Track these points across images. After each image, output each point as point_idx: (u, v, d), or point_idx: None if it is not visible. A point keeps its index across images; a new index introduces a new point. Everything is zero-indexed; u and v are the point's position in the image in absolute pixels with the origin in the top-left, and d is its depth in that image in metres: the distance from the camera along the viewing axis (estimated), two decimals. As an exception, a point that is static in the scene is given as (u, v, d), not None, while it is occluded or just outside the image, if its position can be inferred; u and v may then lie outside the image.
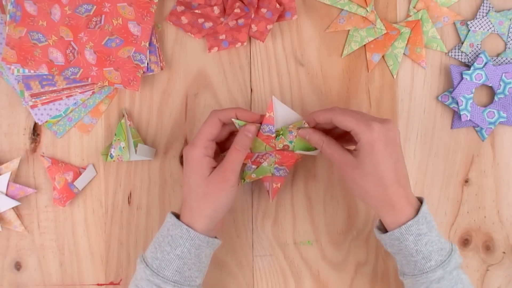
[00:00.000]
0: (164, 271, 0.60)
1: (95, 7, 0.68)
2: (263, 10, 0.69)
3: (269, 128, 0.63)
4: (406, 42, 0.72)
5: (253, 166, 0.67)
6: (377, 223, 0.64)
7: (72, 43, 0.68)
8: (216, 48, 0.71)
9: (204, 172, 0.61)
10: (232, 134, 0.65)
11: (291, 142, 0.64)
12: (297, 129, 0.63)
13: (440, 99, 0.73)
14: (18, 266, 0.72)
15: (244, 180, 0.68)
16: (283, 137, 0.64)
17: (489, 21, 0.72)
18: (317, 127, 0.63)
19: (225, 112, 0.62)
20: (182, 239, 0.60)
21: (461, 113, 0.71)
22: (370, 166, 0.58)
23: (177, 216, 0.63)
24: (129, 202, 0.72)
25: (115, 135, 0.70)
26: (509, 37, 0.72)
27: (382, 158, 0.58)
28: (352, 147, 0.62)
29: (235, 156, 0.61)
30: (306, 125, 0.63)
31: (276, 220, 0.73)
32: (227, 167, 0.61)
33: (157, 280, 0.59)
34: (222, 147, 0.66)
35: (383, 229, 0.63)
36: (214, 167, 0.62)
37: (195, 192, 0.61)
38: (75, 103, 0.71)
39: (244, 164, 0.65)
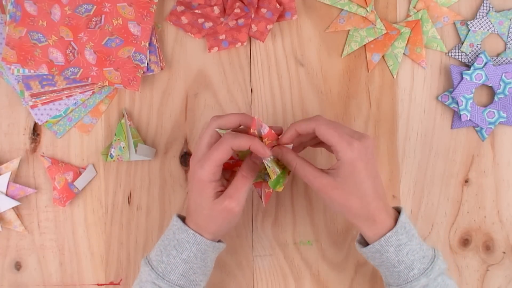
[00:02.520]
0: (169, 275, 0.60)
1: (95, 7, 0.68)
2: (263, 10, 0.69)
3: None
4: (406, 42, 0.72)
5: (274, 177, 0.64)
6: (358, 237, 0.63)
7: (72, 43, 0.68)
8: (216, 48, 0.71)
9: (209, 196, 0.59)
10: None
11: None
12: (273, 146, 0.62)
13: (440, 99, 0.73)
14: (18, 266, 0.72)
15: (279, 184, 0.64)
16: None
17: (489, 21, 0.72)
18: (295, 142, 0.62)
19: (239, 143, 0.58)
20: (189, 243, 0.60)
21: (461, 113, 0.71)
22: (352, 186, 0.58)
23: (182, 218, 0.63)
24: (129, 202, 0.72)
25: (115, 135, 0.70)
26: (509, 37, 0.72)
27: (364, 177, 0.58)
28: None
29: (241, 183, 0.60)
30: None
31: (276, 220, 0.73)
32: (233, 197, 0.59)
33: (162, 284, 0.59)
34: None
35: (364, 243, 0.62)
36: (219, 191, 0.60)
37: (201, 212, 0.60)
38: (75, 103, 0.71)
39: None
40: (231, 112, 0.63)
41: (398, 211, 0.62)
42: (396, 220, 0.60)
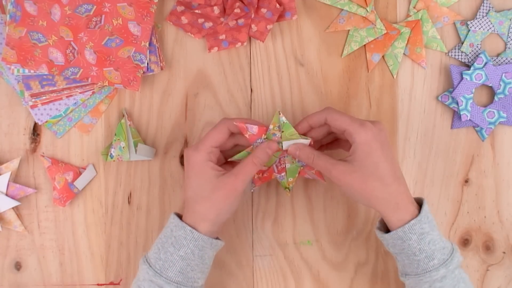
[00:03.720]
0: (167, 272, 0.60)
1: (95, 7, 0.68)
2: (263, 10, 0.69)
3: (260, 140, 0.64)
4: (406, 42, 0.72)
5: (283, 174, 0.67)
6: (377, 224, 0.64)
7: (72, 43, 0.68)
8: (216, 48, 0.71)
9: (208, 176, 0.60)
10: (237, 145, 0.66)
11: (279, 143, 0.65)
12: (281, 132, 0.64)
13: (440, 99, 0.73)
14: (18, 266, 0.72)
15: (289, 189, 0.68)
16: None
17: (489, 21, 0.72)
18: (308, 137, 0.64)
19: (234, 122, 0.62)
20: (186, 240, 0.60)
21: (461, 113, 0.71)
22: (370, 167, 0.58)
23: (180, 216, 0.63)
24: (129, 202, 0.72)
25: (115, 135, 0.70)
26: (509, 37, 0.72)
27: (381, 156, 0.58)
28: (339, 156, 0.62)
29: (250, 168, 0.61)
30: (295, 134, 0.63)
31: (276, 220, 0.73)
32: (239, 177, 0.60)
33: (160, 281, 0.59)
34: (225, 156, 0.66)
35: (384, 229, 0.63)
36: (219, 170, 0.61)
37: (200, 195, 0.60)
38: (75, 103, 0.71)
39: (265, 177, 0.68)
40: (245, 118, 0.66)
41: (420, 201, 0.61)
42: (418, 208, 0.60)
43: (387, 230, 0.62)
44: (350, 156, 0.59)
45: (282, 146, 0.64)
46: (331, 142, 0.67)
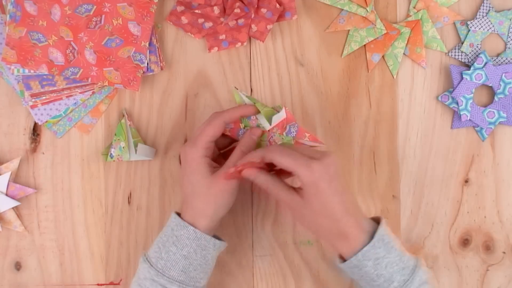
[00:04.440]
0: (169, 271, 0.60)
1: (95, 7, 0.68)
2: (263, 10, 0.69)
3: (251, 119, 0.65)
4: (406, 42, 0.72)
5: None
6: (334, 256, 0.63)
7: (72, 43, 0.68)
8: (216, 48, 0.71)
9: (205, 172, 0.61)
10: (233, 141, 0.66)
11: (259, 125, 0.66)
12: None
13: (440, 99, 0.73)
14: (18, 266, 0.72)
15: None
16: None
17: (489, 21, 0.72)
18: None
19: (229, 114, 0.62)
20: (189, 239, 0.60)
21: (461, 113, 0.71)
22: (318, 205, 0.58)
23: (179, 215, 0.63)
24: (129, 202, 0.72)
25: (115, 135, 0.70)
26: (509, 37, 0.72)
27: (328, 195, 0.57)
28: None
29: (240, 158, 0.62)
30: (275, 112, 0.65)
31: (276, 220, 0.73)
32: (231, 168, 0.61)
33: (162, 280, 0.59)
34: (218, 147, 0.67)
35: (343, 258, 0.61)
36: (214, 166, 0.62)
37: (198, 192, 0.61)
38: (75, 103, 0.71)
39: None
40: (233, 107, 0.66)
41: (377, 221, 0.60)
42: (371, 233, 0.59)
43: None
44: (301, 190, 0.59)
45: (263, 127, 0.65)
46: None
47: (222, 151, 0.67)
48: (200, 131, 0.62)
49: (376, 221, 0.61)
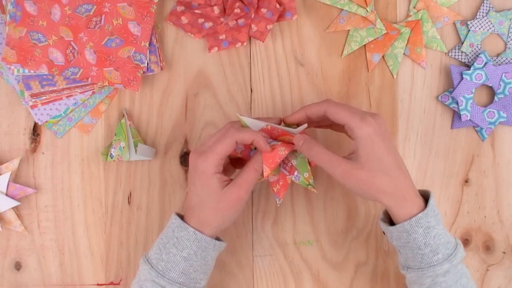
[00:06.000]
0: (170, 273, 0.60)
1: (95, 7, 0.68)
2: (263, 10, 0.69)
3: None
4: (406, 42, 0.72)
5: (296, 174, 0.64)
6: (381, 215, 0.63)
7: (72, 43, 0.68)
8: (216, 48, 0.71)
9: (215, 188, 0.60)
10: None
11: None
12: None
13: (440, 99, 0.73)
14: (18, 266, 0.72)
15: (312, 185, 0.65)
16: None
17: (489, 21, 0.72)
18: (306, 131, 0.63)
19: (243, 137, 0.59)
20: (189, 241, 0.60)
21: (461, 113, 0.71)
22: (375, 161, 0.58)
23: (181, 216, 0.63)
24: (129, 202, 0.72)
25: (115, 135, 0.70)
26: (509, 37, 0.72)
27: (384, 150, 0.58)
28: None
29: (252, 176, 0.61)
30: (295, 127, 0.63)
31: (276, 220, 0.73)
32: (242, 186, 0.60)
33: (162, 282, 0.59)
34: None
35: (388, 221, 0.62)
36: (225, 181, 0.61)
37: (206, 205, 0.60)
38: (75, 103, 0.71)
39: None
40: (249, 129, 0.62)
41: (426, 194, 0.61)
42: (423, 201, 0.60)
43: (391, 221, 0.61)
44: (353, 153, 0.59)
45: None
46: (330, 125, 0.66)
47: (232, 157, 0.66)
48: (211, 146, 0.60)
49: (425, 193, 0.61)
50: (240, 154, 0.64)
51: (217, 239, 0.63)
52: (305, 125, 0.62)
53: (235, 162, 0.66)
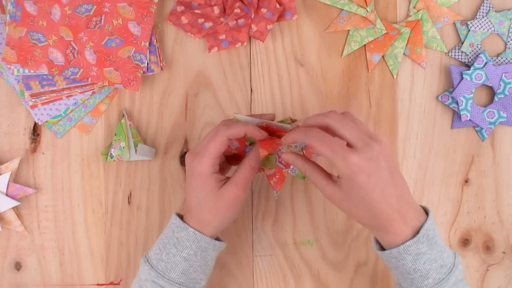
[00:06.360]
0: (169, 273, 0.60)
1: (95, 7, 0.68)
2: (263, 10, 0.69)
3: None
4: (406, 42, 0.72)
5: (292, 167, 0.65)
6: (372, 237, 0.62)
7: (72, 43, 0.68)
8: (216, 48, 0.71)
9: (213, 188, 0.60)
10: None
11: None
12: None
13: (440, 99, 0.73)
14: (18, 266, 0.72)
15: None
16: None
17: (489, 21, 0.72)
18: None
19: (234, 132, 0.59)
20: (189, 241, 0.60)
21: (461, 113, 0.71)
22: (356, 199, 0.56)
23: (181, 217, 0.63)
24: (129, 202, 0.72)
25: (115, 135, 0.70)
26: (509, 37, 0.72)
27: (367, 190, 0.54)
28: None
29: (248, 173, 0.60)
30: (290, 122, 0.63)
31: (276, 220, 0.73)
32: (239, 184, 0.60)
33: (162, 282, 0.59)
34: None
35: (380, 245, 0.61)
36: (221, 180, 0.61)
37: (205, 205, 0.60)
38: (75, 103, 0.71)
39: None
40: (239, 122, 0.62)
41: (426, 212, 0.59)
42: (416, 228, 0.57)
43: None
44: (339, 179, 0.57)
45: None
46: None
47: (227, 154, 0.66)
48: (205, 147, 0.60)
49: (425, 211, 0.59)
50: (236, 151, 0.65)
51: (217, 239, 0.63)
52: (299, 122, 0.62)
53: (231, 159, 0.65)
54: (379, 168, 0.55)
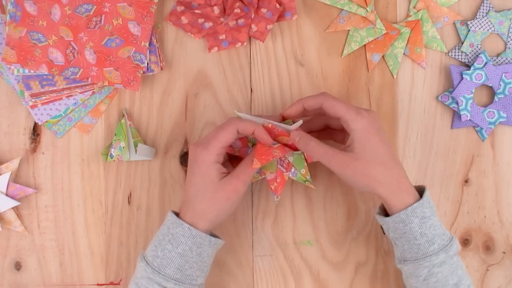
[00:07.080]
0: (165, 269, 0.60)
1: (95, 7, 0.68)
2: (263, 10, 0.69)
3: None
4: (406, 42, 0.72)
5: (293, 170, 0.66)
6: (377, 209, 0.64)
7: (72, 43, 0.68)
8: (216, 48, 0.71)
9: (214, 177, 0.61)
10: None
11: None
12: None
13: (440, 99, 0.73)
14: (18, 266, 0.72)
15: (309, 181, 0.67)
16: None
17: (489, 21, 0.72)
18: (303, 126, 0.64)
19: (245, 126, 0.61)
20: (184, 237, 0.60)
21: (461, 113, 0.71)
22: (371, 152, 0.59)
23: (177, 214, 0.63)
24: (129, 202, 0.72)
25: (115, 135, 0.70)
26: (509, 37, 0.72)
27: (379, 142, 0.60)
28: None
29: (250, 168, 0.61)
30: (291, 123, 0.64)
31: (276, 220, 0.73)
32: (240, 177, 0.61)
33: (158, 278, 0.59)
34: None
35: (384, 215, 0.63)
36: (223, 172, 0.62)
37: (203, 195, 0.61)
38: (75, 103, 0.71)
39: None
40: (248, 119, 0.63)
41: (419, 190, 0.62)
42: (418, 193, 0.61)
43: (387, 215, 0.62)
44: (348, 146, 0.60)
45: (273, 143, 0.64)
46: (321, 131, 0.68)
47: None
48: (213, 135, 0.61)
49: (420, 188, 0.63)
50: (238, 153, 0.65)
51: (214, 236, 0.63)
52: (301, 122, 0.63)
53: (233, 162, 0.66)
54: (382, 128, 0.61)
